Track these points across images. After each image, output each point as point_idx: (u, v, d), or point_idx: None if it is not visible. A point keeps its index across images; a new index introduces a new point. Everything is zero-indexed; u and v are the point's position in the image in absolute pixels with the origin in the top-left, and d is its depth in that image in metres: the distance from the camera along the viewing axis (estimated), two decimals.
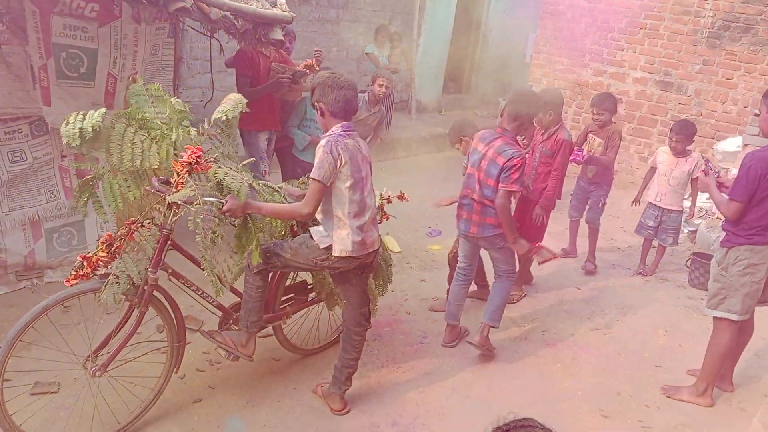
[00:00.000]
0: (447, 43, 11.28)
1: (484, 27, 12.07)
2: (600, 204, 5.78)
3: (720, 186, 3.78)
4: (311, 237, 3.19)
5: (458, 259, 4.34)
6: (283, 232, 3.51)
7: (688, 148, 5.52)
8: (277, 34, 4.48)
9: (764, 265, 3.54)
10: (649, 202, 5.77)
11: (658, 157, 5.71)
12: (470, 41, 12.07)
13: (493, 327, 4.10)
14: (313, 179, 2.97)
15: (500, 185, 3.78)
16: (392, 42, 8.87)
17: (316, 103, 3.11)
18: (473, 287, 4.97)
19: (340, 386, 3.46)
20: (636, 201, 5.87)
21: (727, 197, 3.53)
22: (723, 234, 3.68)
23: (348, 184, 3.04)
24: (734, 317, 3.60)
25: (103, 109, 2.89)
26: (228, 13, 4.05)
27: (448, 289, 4.61)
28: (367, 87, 5.58)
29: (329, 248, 3.12)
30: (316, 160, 2.98)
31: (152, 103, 3.10)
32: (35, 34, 3.73)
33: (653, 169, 5.74)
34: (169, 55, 4.84)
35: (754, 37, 7.61)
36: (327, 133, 3.10)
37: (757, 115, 6.49)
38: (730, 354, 3.80)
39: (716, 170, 3.89)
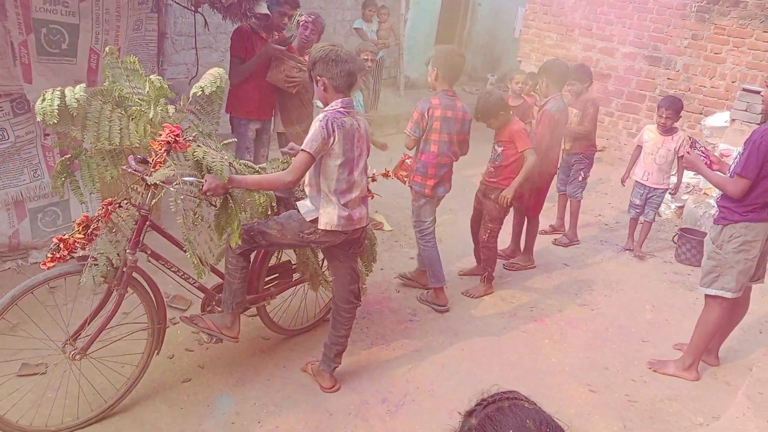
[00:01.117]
0: (436, 18, 11.17)
1: (473, 1, 11.94)
2: (580, 177, 5.80)
3: (710, 164, 3.77)
4: (298, 211, 3.18)
5: (430, 221, 4.43)
6: (265, 211, 3.48)
7: (674, 125, 5.50)
8: (263, 8, 4.39)
9: (758, 242, 3.55)
10: (636, 181, 5.75)
11: (644, 135, 5.67)
12: (459, 16, 11.95)
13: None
14: (303, 150, 2.95)
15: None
16: (380, 16, 8.75)
17: (318, 78, 3.05)
18: (473, 264, 5.02)
19: (330, 364, 3.46)
20: (624, 180, 5.88)
21: (735, 174, 3.47)
22: (717, 211, 3.69)
23: (338, 162, 3.02)
24: (728, 295, 3.62)
25: (84, 84, 2.82)
26: None
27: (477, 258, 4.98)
28: None
29: (316, 221, 3.11)
30: (310, 133, 2.97)
31: (127, 77, 3.03)
32: (14, 9, 3.63)
33: (639, 148, 5.71)
34: (153, 30, 4.74)
35: (743, 11, 7.58)
36: (326, 108, 3.07)
37: (751, 91, 6.50)
38: (719, 330, 3.83)
39: (703, 149, 3.87)
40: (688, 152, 3.87)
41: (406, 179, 4.13)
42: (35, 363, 3.33)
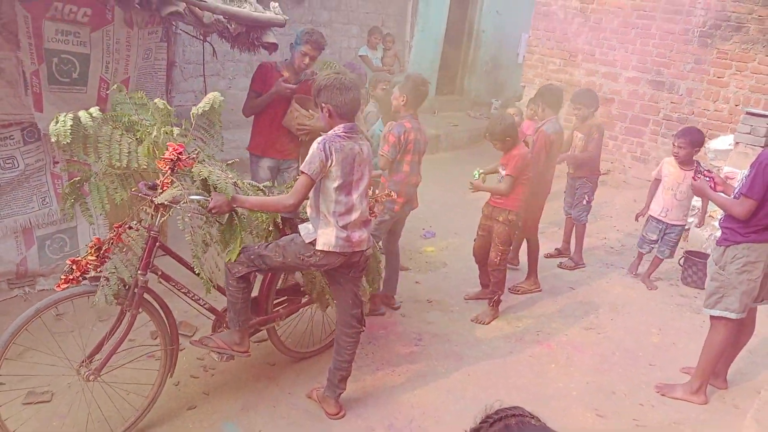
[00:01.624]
0: (440, 45, 11.30)
1: (477, 28, 12.09)
2: (584, 201, 5.81)
3: (714, 186, 3.80)
4: (299, 234, 3.22)
5: (380, 237, 4.51)
6: (268, 232, 3.53)
7: (694, 158, 5.18)
8: (271, 37, 4.47)
9: (761, 263, 3.56)
10: (652, 216, 5.46)
11: (664, 169, 5.35)
12: (463, 42, 12.09)
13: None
14: (302, 172, 3.02)
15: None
16: (385, 44, 8.87)
17: (323, 105, 3.12)
18: (478, 288, 5.03)
19: (334, 390, 3.46)
20: (642, 214, 5.58)
21: (741, 195, 3.49)
22: (719, 233, 3.70)
23: (336, 184, 3.06)
24: (732, 315, 3.62)
25: (96, 107, 2.92)
26: (221, 17, 4.04)
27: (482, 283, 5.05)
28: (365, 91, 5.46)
29: (314, 243, 3.15)
30: (308, 155, 3.04)
31: (136, 111, 3.15)
32: (27, 40, 3.71)
33: (657, 181, 5.41)
34: (162, 59, 4.83)
35: (745, 35, 7.65)
36: (327, 133, 3.13)
37: (756, 115, 6.53)
38: (726, 352, 3.82)
39: (706, 171, 3.90)
40: (694, 178, 3.91)
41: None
42: (41, 391, 3.34)
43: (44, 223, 4.23)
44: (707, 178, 3.84)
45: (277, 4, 4.66)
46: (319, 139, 3.06)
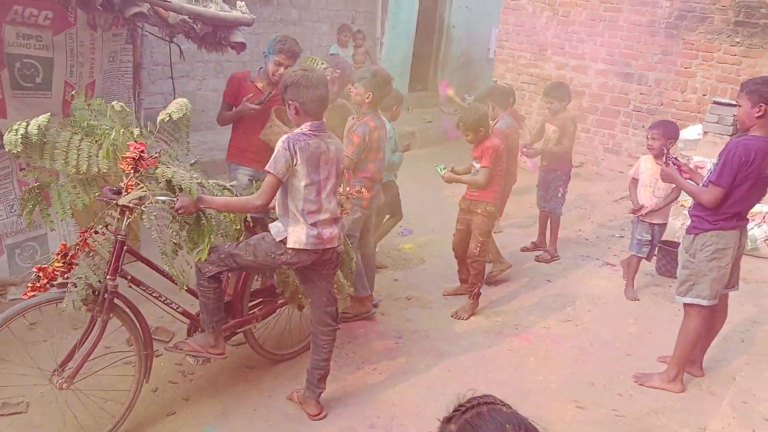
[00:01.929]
0: (411, 41, 11.31)
1: (447, 23, 12.12)
2: (559, 194, 5.85)
3: (681, 173, 3.85)
4: (270, 233, 3.20)
5: (356, 236, 4.40)
6: (238, 231, 3.51)
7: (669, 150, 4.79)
8: (238, 37, 4.42)
9: (730, 249, 3.62)
10: (638, 218, 5.08)
11: (641, 165, 5.08)
12: (434, 38, 12.11)
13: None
14: (268, 172, 2.99)
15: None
16: (356, 41, 8.85)
17: (290, 102, 3.09)
18: (456, 284, 5.04)
19: (314, 390, 3.43)
20: (635, 211, 5.07)
21: (710, 182, 3.52)
22: (689, 221, 3.75)
23: (303, 183, 3.05)
24: (704, 302, 3.67)
25: (48, 113, 2.87)
26: (186, 17, 3.98)
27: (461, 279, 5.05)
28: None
29: (285, 241, 3.12)
30: (273, 154, 3.01)
31: (95, 117, 3.10)
32: None
33: (635, 180, 5.12)
34: (128, 61, 4.75)
35: (710, 26, 7.77)
36: (296, 130, 3.11)
37: (722, 104, 6.64)
38: (700, 339, 3.87)
39: (674, 158, 3.93)
40: (665, 164, 3.95)
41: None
42: (15, 402, 3.26)
43: (13, 231, 4.13)
44: (674, 166, 3.88)
45: (243, 3, 4.61)
46: (284, 137, 3.04)
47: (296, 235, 3.11)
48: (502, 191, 5.12)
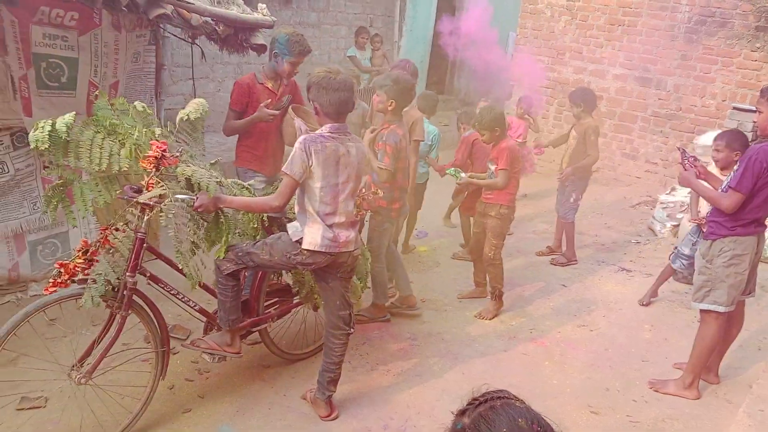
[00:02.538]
0: (428, 45, 11.32)
1: (465, 27, 12.10)
2: (572, 199, 5.81)
3: (698, 174, 3.79)
4: (287, 233, 3.23)
5: (384, 245, 4.43)
6: (255, 230, 3.54)
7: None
8: (259, 39, 4.46)
9: (748, 255, 3.59)
10: (693, 220, 4.70)
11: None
12: (451, 42, 12.10)
13: None
14: (284, 173, 3.02)
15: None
16: (373, 44, 8.88)
17: (312, 101, 3.12)
18: (471, 287, 5.05)
19: (324, 392, 3.44)
20: (694, 219, 4.72)
21: (729, 188, 3.49)
22: (707, 227, 3.73)
23: (319, 184, 3.06)
24: (721, 309, 3.65)
25: (74, 112, 2.92)
26: (209, 19, 4.04)
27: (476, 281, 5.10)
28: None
29: (301, 241, 3.14)
30: (291, 155, 3.03)
31: (117, 116, 3.15)
32: (14, 44, 3.69)
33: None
34: (151, 62, 4.81)
35: (730, 31, 7.72)
36: (311, 132, 3.14)
37: (742, 110, 6.59)
38: (717, 346, 3.84)
39: (691, 158, 3.85)
40: (683, 167, 3.87)
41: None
42: (35, 396, 3.32)
43: (36, 228, 4.20)
44: (691, 166, 3.80)
45: (264, 5, 4.66)
46: (301, 138, 3.05)
47: (311, 236, 3.12)
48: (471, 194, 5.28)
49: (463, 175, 4.83)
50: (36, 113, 3.87)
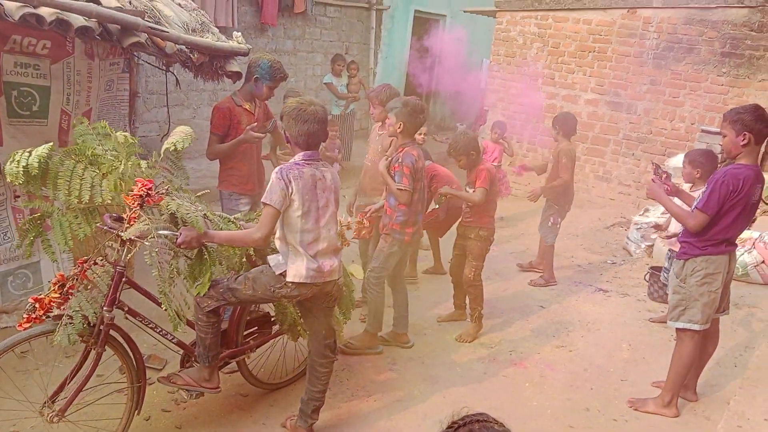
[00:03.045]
0: (404, 72, 11.46)
1: (440, 54, 12.29)
2: (549, 222, 5.90)
3: (669, 190, 3.86)
4: (269, 266, 3.18)
5: (388, 270, 4.37)
6: (240, 263, 3.48)
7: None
8: (234, 66, 4.48)
9: (720, 274, 3.65)
10: (661, 237, 4.88)
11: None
12: (426, 68, 12.27)
13: None
14: (264, 203, 2.99)
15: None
16: (349, 71, 8.97)
17: (284, 130, 3.12)
18: (451, 309, 5.06)
19: (307, 420, 3.40)
20: (662, 237, 5.06)
21: (696, 209, 3.56)
22: (679, 247, 3.79)
23: (299, 213, 3.04)
24: (696, 327, 3.69)
25: (51, 143, 2.87)
26: (183, 47, 4.05)
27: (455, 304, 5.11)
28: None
29: (285, 274, 3.11)
30: (269, 185, 3.01)
31: (99, 141, 3.10)
32: None
33: None
34: (124, 90, 4.80)
35: (697, 56, 7.94)
36: (285, 163, 3.12)
37: (710, 132, 6.75)
38: (693, 364, 3.87)
39: (665, 173, 3.94)
40: (653, 180, 3.95)
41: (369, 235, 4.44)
42: (9, 431, 3.23)
43: (6, 259, 4.11)
44: (663, 183, 3.87)
45: (240, 33, 4.69)
46: (277, 168, 3.05)
47: (296, 268, 3.09)
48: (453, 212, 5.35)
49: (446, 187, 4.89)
50: (7, 142, 3.83)
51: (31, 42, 3.74)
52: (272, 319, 3.79)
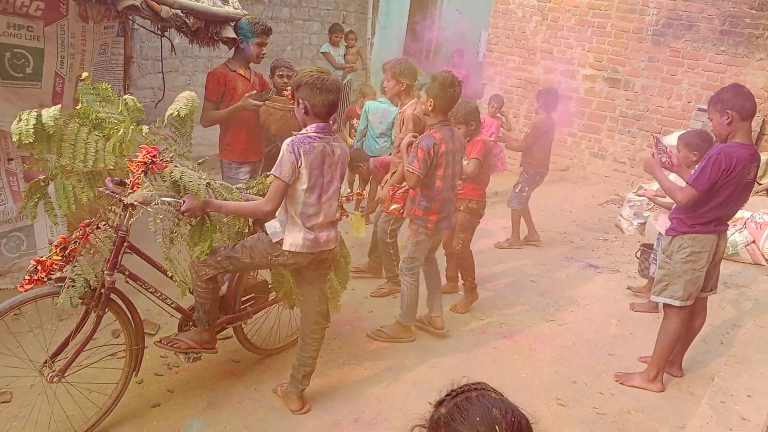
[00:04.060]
0: (401, 43, 11.36)
1: (438, 25, 12.18)
2: (517, 188, 6.13)
3: (670, 164, 3.86)
4: (266, 233, 3.20)
5: (422, 258, 4.26)
6: (240, 234, 3.49)
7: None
8: (230, 32, 4.43)
9: (706, 253, 3.68)
10: (642, 193, 4.84)
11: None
12: (424, 40, 12.17)
13: None
14: (274, 176, 2.97)
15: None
16: (347, 41, 8.88)
17: (300, 100, 3.06)
18: (444, 281, 5.07)
19: (297, 386, 3.45)
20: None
21: (687, 184, 3.57)
22: (669, 223, 3.82)
23: (304, 186, 3.03)
24: (676, 303, 3.74)
25: (59, 105, 2.84)
26: (179, 11, 3.99)
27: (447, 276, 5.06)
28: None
29: (281, 243, 3.13)
30: (279, 158, 2.99)
31: (101, 103, 3.06)
32: None
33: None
34: (119, 54, 4.75)
35: (696, 34, 7.89)
36: (298, 133, 3.09)
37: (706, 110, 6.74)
38: (679, 340, 3.93)
39: (666, 150, 3.94)
40: (653, 155, 3.94)
41: (401, 211, 4.33)
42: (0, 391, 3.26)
43: None
44: (666, 156, 3.87)
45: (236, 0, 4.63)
46: (288, 140, 3.01)
47: (293, 238, 3.11)
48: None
49: None
50: (0, 104, 3.79)
51: (24, 3, 3.69)
52: (269, 286, 3.82)
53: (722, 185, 3.51)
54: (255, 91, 4.28)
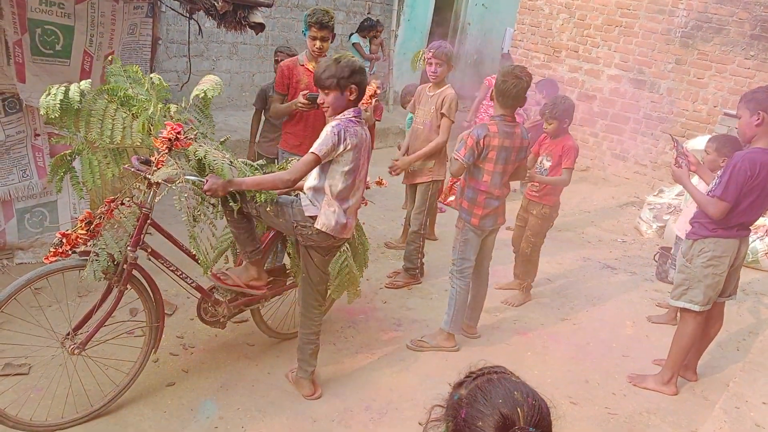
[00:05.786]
0: (425, 35, 11.30)
1: (463, 20, 12.11)
2: None
3: (689, 166, 3.81)
4: (300, 202, 3.23)
5: (474, 260, 4.08)
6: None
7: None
8: (258, 17, 4.43)
9: (727, 258, 3.64)
10: (677, 236, 4.73)
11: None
12: (449, 34, 12.11)
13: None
14: (312, 152, 2.99)
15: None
16: (375, 31, 8.88)
17: (353, 87, 3.07)
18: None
19: (306, 368, 3.46)
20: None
21: (716, 197, 3.50)
22: (690, 227, 3.78)
23: (346, 168, 3.08)
24: (695, 308, 3.71)
25: (89, 80, 2.86)
26: None
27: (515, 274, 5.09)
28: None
29: (314, 218, 3.16)
30: (321, 136, 3.01)
31: (131, 84, 3.09)
32: (10, 8, 3.65)
33: None
34: (147, 35, 4.77)
35: (725, 37, 7.78)
36: (340, 116, 3.10)
37: (732, 116, 6.66)
38: (694, 344, 3.90)
39: (684, 150, 3.88)
40: (676, 160, 3.86)
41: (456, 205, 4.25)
42: (18, 363, 3.31)
43: (24, 196, 4.17)
44: (683, 158, 3.82)
45: None
46: (334, 123, 3.04)
47: (326, 218, 3.14)
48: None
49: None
50: (29, 79, 3.84)
51: None
52: (287, 271, 3.84)
53: (747, 191, 3.46)
54: (307, 91, 4.05)
